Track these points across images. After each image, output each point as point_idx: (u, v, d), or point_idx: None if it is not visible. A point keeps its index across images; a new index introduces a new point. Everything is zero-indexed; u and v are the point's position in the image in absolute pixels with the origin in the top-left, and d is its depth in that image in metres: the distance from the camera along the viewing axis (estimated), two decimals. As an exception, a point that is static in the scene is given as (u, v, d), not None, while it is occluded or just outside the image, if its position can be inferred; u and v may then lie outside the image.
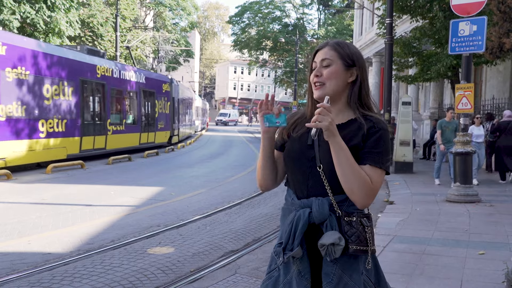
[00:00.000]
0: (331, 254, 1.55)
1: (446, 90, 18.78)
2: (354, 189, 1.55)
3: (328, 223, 1.59)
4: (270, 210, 7.53)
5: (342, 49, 1.70)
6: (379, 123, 1.66)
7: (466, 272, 4.22)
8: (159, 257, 4.87)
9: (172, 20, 43.28)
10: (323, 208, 1.59)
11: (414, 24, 13.84)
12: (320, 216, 1.59)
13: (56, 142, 13.30)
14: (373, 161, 1.59)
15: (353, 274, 1.59)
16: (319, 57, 1.70)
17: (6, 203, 7.84)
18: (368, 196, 1.56)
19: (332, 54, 1.68)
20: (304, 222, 1.59)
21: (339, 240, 1.54)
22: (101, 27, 26.48)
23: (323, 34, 39.82)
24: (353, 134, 1.63)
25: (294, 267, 1.62)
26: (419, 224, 6.20)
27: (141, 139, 19.40)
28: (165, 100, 22.00)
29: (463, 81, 8.13)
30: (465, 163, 7.88)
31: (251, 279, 4.25)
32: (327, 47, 1.71)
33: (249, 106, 79.89)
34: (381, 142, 1.63)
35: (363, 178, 1.55)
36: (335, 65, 1.68)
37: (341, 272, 1.58)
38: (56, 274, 4.29)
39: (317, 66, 1.69)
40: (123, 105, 18.17)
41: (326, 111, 1.50)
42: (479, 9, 7.60)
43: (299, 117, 1.78)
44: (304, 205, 1.63)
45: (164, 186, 10.05)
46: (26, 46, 12.16)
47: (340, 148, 1.54)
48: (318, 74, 1.68)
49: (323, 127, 1.49)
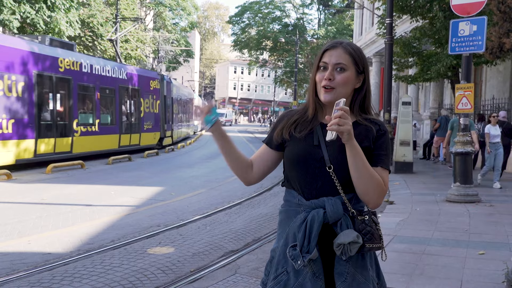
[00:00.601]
0: (347, 253, 1.55)
1: (446, 90, 18.79)
2: (369, 190, 1.57)
3: (342, 222, 1.59)
4: (270, 210, 7.53)
5: (356, 55, 1.66)
6: (384, 126, 1.70)
7: (466, 272, 4.22)
8: (159, 257, 4.87)
9: (172, 20, 43.27)
10: (337, 207, 1.59)
11: (414, 24, 13.85)
12: (334, 216, 1.58)
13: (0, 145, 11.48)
14: (384, 163, 1.64)
15: (364, 272, 1.61)
16: (333, 58, 1.64)
17: (6, 203, 7.84)
18: (381, 196, 1.61)
19: (347, 59, 1.64)
20: (320, 222, 1.57)
21: (358, 238, 1.55)
22: (101, 27, 26.49)
23: (323, 34, 39.81)
24: (363, 136, 1.64)
25: (307, 269, 1.58)
26: (419, 224, 6.20)
27: (121, 141, 17.40)
28: (153, 98, 20.02)
29: (463, 81, 8.13)
30: (465, 163, 7.88)
31: (251, 279, 4.25)
32: (341, 49, 1.65)
33: (249, 106, 79.90)
34: (387, 144, 1.68)
35: (377, 180, 1.58)
36: (350, 72, 1.64)
37: (353, 271, 1.58)
38: (56, 274, 4.29)
39: (329, 69, 1.64)
40: (96, 103, 15.91)
41: (346, 115, 1.48)
42: (479, 9, 7.60)
43: (300, 117, 1.74)
44: (316, 206, 1.61)
45: (164, 186, 10.05)
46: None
47: (357, 152, 1.54)
48: (330, 77, 1.63)
49: (345, 131, 1.47)
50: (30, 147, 12.49)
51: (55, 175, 11.59)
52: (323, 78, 1.65)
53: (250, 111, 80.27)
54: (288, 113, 1.80)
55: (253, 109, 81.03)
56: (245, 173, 1.78)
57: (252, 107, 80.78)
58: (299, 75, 38.60)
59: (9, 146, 11.71)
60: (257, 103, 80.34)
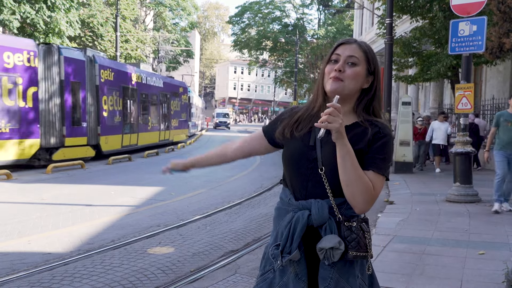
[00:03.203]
0: (329, 258, 1.52)
1: (446, 90, 18.79)
2: (355, 194, 1.51)
3: (327, 226, 1.55)
4: (270, 210, 7.53)
5: (370, 53, 1.65)
6: (385, 129, 1.62)
7: (466, 272, 4.22)
8: (159, 257, 4.87)
9: (172, 20, 43.31)
10: (323, 211, 1.55)
11: (414, 24, 13.84)
12: (319, 219, 1.55)
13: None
14: (377, 168, 1.56)
15: (350, 278, 1.57)
16: (346, 52, 1.62)
17: (6, 203, 7.84)
18: (368, 202, 1.53)
19: (360, 55, 1.62)
20: (303, 224, 1.55)
21: (339, 245, 1.51)
22: (101, 27, 26.49)
23: (323, 34, 39.78)
24: (358, 137, 1.59)
25: (291, 269, 1.59)
26: (419, 224, 6.20)
27: (160, 137, 21.50)
28: (180, 103, 24.78)
29: (463, 81, 8.13)
30: (465, 163, 7.88)
31: (251, 279, 4.25)
32: (356, 45, 1.64)
33: (249, 106, 79.91)
34: (386, 148, 1.60)
35: (366, 184, 1.51)
36: (361, 68, 1.62)
37: (338, 276, 1.55)
38: (56, 274, 4.29)
39: (341, 61, 1.60)
40: (150, 108, 20.30)
41: (336, 112, 1.43)
42: (479, 9, 7.60)
43: (302, 114, 1.71)
44: (303, 207, 1.59)
45: (164, 186, 10.05)
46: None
47: (347, 152, 1.49)
48: (341, 69, 1.60)
49: (333, 128, 1.43)
50: (118, 140, 16.89)
51: (55, 175, 11.59)
52: (332, 70, 1.62)
53: (250, 111, 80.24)
54: (292, 110, 1.77)
55: (253, 109, 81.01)
56: (224, 161, 1.96)
57: (252, 107, 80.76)
58: (299, 75, 38.57)
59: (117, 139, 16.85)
60: (257, 103, 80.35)
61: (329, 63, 1.66)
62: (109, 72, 16.14)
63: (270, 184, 9.93)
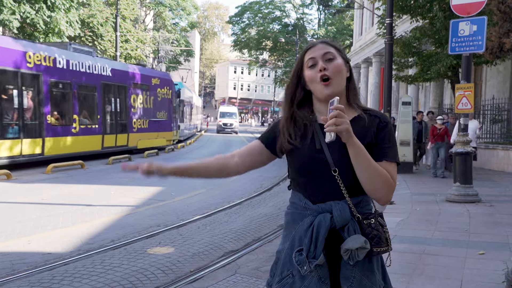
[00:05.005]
0: (354, 258, 1.52)
1: (446, 90, 18.79)
2: (378, 188, 1.53)
3: (350, 226, 1.55)
4: (270, 210, 7.52)
5: (337, 46, 1.67)
6: (385, 118, 1.66)
7: (466, 272, 4.22)
8: (159, 257, 4.87)
9: (172, 20, 43.29)
10: (345, 212, 1.55)
11: (414, 24, 13.85)
12: (342, 221, 1.55)
13: None
14: (389, 156, 1.59)
15: (370, 275, 1.58)
16: (319, 52, 1.63)
17: (6, 203, 7.84)
18: (391, 192, 1.56)
19: (332, 49, 1.64)
20: (326, 227, 1.54)
21: (366, 244, 1.51)
22: (101, 27, 26.48)
23: (323, 34, 39.83)
24: (364, 131, 1.60)
25: (313, 273, 1.56)
26: (419, 224, 6.20)
27: None
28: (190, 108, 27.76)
29: (463, 81, 8.12)
30: (465, 163, 7.88)
31: (251, 279, 4.25)
32: (322, 44, 1.66)
33: (249, 106, 79.90)
34: (391, 136, 1.63)
35: (384, 175, 1.53)
36: (340, 60, 1.63)
37: (360, 275, 1.55)
38: (56, 274, 4.29)
39: (320, 61, 1.61)
40: None
41: (342, 113, 1.44)
42: (479, 9, 7.59)
43: (286, 125, 1.69)
44: (322, 210, 1.58)
45: (164, 186, 10.04)
46: None
47: (359, 149, 1.50)
48: (325, 67, 1.60)
49: (343, 130, 1.44)
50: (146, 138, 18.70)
51: (55, 175, 11.59)
52: (316, 73, 1.61)
53: (250, 111, 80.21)
54: (273, 127, 1.76)
55: (253, 109, 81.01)
56: (223, 174, 1.78)
57: (252, 107, 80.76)
58: (299, 75, 38.42)
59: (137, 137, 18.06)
60: (257, 103, 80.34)
61: (303, 70, 1.67)
62: None
63: (270, 184, 9.93)
